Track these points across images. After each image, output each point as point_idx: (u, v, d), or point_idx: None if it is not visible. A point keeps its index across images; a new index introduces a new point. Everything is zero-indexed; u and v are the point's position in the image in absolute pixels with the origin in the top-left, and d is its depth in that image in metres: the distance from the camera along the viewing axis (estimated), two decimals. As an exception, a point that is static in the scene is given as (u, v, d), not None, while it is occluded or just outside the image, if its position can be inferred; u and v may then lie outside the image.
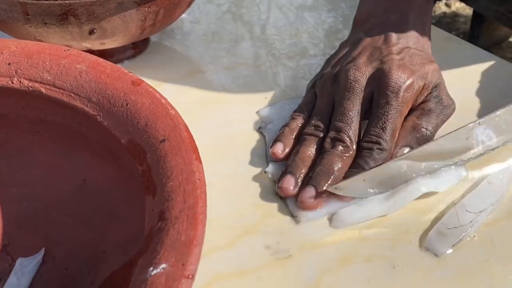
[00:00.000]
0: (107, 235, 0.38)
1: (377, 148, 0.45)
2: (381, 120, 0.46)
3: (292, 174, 0.44)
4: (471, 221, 0.41)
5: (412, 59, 0.48)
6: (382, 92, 0.46)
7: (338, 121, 0.46)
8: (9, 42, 0.39)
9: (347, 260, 0.40)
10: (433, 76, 0.48)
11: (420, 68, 0.48)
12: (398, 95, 0.46)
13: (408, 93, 0.46)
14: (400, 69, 0.47)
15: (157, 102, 0.34)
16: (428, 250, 0.40)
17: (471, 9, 1.42)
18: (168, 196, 0.29)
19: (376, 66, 0.48)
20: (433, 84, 0.48)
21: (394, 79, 0.46)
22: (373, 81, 0.47)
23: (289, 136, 0.48)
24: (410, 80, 0.47)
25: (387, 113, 0.46)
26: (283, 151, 0.47)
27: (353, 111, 0.46)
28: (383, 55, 0.49)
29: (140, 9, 0.49)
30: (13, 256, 0.38)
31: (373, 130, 0.45)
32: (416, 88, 0.47)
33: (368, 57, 0.49)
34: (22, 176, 0.40)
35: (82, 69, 0.36)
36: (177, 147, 0.31)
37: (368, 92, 0.47)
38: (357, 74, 0.48)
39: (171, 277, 0.26)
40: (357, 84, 0.47)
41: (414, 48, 0.50)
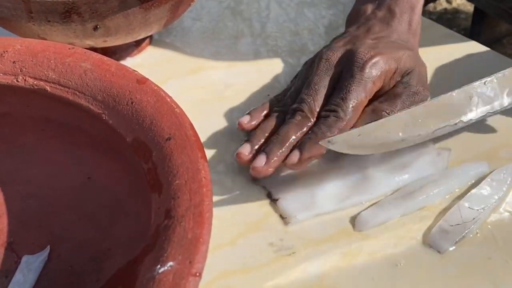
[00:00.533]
0: (112, 233, 0.38)
1: (334, 115, 0.45)
2: (342, 91, 0.46)
3: (249, 142, 0.45)
4: (474, 218, 0.41)
5: (387, 44, 0.49)
6: (348, 67, 0.47)
7: (303, 93, 0.47)
8: (14, 40, 0.39)
9: (350, 257, 0.40)
10: (407, 61, 0.48)
11: (393, 51, 0.48)
12: (362, 70, 0.46)
13: (374, 69, 0.46)
14: (369, 48, 0.47)
15: (162, 100, 0.34)
16: (431, 247, 0.40)
17: (472, 5, 1.42)
18: (174, 194, 0.29)
19: (348, 48, 0.49)
20: (405, 69, 0.48)
21: (361, 55, 0.47)
22: (342, 61, 0.48)
23: (260, 111, 0.49)
24: (377, 58, 0.47)
25: (349, 85, 0.46)
26: (248, 122, 0.48)
27: (318, 85, 0.47)
28: (357, 40, 0.50)
29: (143, 7, 0.49)
30: (18, 253, 0.39)
31: (333, 100, 0.46)
32: (384, 68, 0.47)
33: (345, 42, 0.50)
34: (26, 174, 0.40)
35: (87, 67, 0.36)
36: (182, 145, 0.31)
37: (338, 70, 0.48)
38: (329, 53, 0.49)
39: (178, 275, 0.26)
40: (327, 62, 0.48)
41: (394, 39, 0.50)
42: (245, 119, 0.48)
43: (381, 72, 0.47)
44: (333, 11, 0.66)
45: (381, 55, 0.47)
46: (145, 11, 0.49)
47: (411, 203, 0.43)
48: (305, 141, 0.44)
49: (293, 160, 0.43)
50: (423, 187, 0.44)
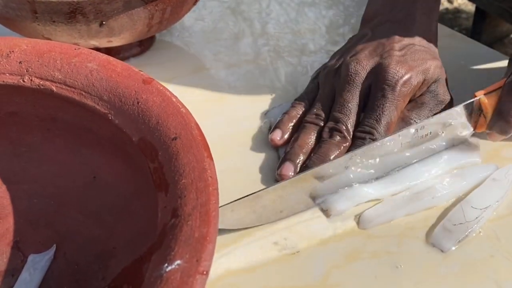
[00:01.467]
0: (117, 231, 0.38)
1: (370, 138, 0.45)
2: (376, 112, 0.46)
3: (291, 161, 0.45)
4: (477, 217, 0.42)
5: (414, 55, 0.49)
6: (379, 85, 0.47)
7: (337, 111, 0.48)
8: (20, 40, 0.39)
9: (354, 256, 0.40)
10: (434, 72, 0.49)
11: (421, 63, 0.48)
12: (394, 89, 0.47)
13: (405, 87, 0.47)
14: (399, 64, 0.48)
15: (168, 100, 0.34)
16: (434, 246, 0.41)
17: (473, 5, 1.42)
18: (181, 193, 0.30)
19: (376, 60, 0.49)
20: (433, 80, 0.49)
21: (392, 73, 0.47)
22: (372, 75, 0.48)
23: (288, 123, 0.49)
24: (408, 75, 0.47)
25: (382, 105, 0.46)
26: (281, 137, 0.48)
27: (352, 103, 0.48)
28: (384, 51, 0.49)
29: (147, 7, 0.49)
30: (24, 252, 0.39)
31: (367, 121, 0.46)
32: (414, 84, 0.47)
33: (370, 52, 0.50)
34: (33, 173, 0.41)
35: (93, 67, 0.37)
36: (188, 145, 0.32)
37: (367, 85, 0.48)
38: (358, 67, 0.49)
39: (186, 273, 0.26)
40: (357, 77, 0.48)
41: (418, 45, 0.50)
42: (276, 135, 0.48)
43: (411, 88, 0.47)
44: (333, 11, 0.67)
45: (410, 71, 0.47)
46: (149, 11, 0.50)
47: (416, 204, 0.43)
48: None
49: None
50: (430, 188, 0.44)
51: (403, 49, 0.50)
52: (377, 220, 0.42)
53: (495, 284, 0.38)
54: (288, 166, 0.45)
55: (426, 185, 0.44)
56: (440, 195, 0.44)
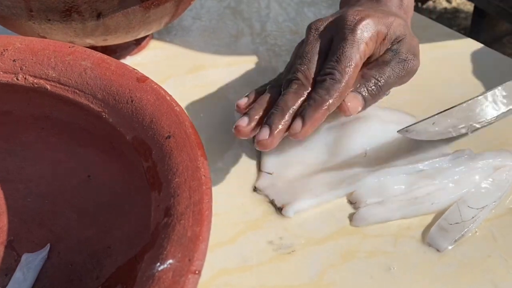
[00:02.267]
0: (111, 231, 0.38)
1: (330, 78, 0.43)
2: (336, 54, 0.45)
3: (247, 115, 0.44)
4: (473, 216, 0.42)
5: (376, 11, 0.47)
6: (339, 32, 0.46)
7: (296, 64, 0.46)
8: (14, 38, 0.39)
9: (349, 256, 0.40)
10: (397, 28, 0.47)
11: (383, 16, 0.47)
12: (354, 31, 0.45)
13: (366, 31, 0.45)
14: (359, 12, 0.46)
15: (162, 99, 0.34)
16: (430, 245, 0.41)
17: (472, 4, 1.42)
18: (174, 192, 0.29)
19: (336, 16, 0.48)
20: (395, 36, 0.47)
21: (350, 18, 0.46)
22: (332, 26, 0.47)
23: (256, 92, 0.48)
24: (367, 20, 0.45)
25: (342, 47, 0.45)
26: (246, 102, 0.47)
27: (311, 53, 0.46)
28: (346, 10, 0.48)
29: (143, 6, 0.49)
30: (18, 251, 0.39)
31: (328, 64, 0.45)
32: (375, 30, 0.46)
33: (332, 14, 0.49)
34: (27, 172, 0.41)
35: (87, 66, 0.36)
36: (182, 143, 0.32)
37: (328, 37, 0.47)
38: (317, 23, 0.48)
39: (178, 272, 0.26)
40: (317, 31, 0.47)
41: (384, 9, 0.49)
42: (242, 101, 0.47)
43: (372, 34, 0.45)
44: (333, 10, 0.66)
45: (370, 17, 0.46)
46: (145, 9, 0.50)
47: (414, 208, 0.43)
48: (305, 108, 0.43)
49: (296, 129, 0.42)
50: (431, 194, 0.43)
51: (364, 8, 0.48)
52: (371, 219, 0.42)
53: (491, 284, 0.38)
54: (243, 119, 0.44)
55: (427, 190, 0.44)
56: (439, 201, 0.43)
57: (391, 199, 0.43)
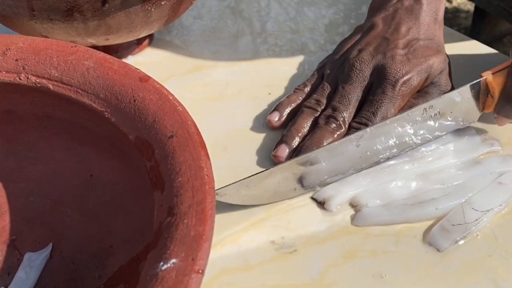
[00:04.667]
0: (114, 230, 0.38)
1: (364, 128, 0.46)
2: (373, 106, 0.47)
3: (287, 144, 0.47)
4: (477, 219, 0.41)
5: (417, 53, 0.50)
6: (380, 82, 0.48)
7: (336, 101, 0.49)
8: (17, 38, 0.39)
9: (351, 255, 0.40)
10: (438, 67, 0.50)
11: (424, 61, 0.49)
12: (394, 87, 0.48)
13: (405, 87, 0.48)
14: (401, 64, 0.49)
15: (165, 98, 0.34)
16: (430, 244, 0.41)
17: (472, 4, 1.42)
18: (177, 191, 0.29)
19: (379, 59, 0.50)
20: (436, 74, 0.50)
21: (393, 72, 0.48)
22: (374, 73, 0.50)
23: (286, 106, 0.50)
24: (408, 75, 0.48)
25: (380, 100, 0.47)
26: (279, 119, 0.50)
27: (352, 95, 0.49)
28: (388, 48, 0.50)
29: (145, 5, 0.49)
30: (21, 250, 0.39)
31: (364, 114, 0.47)
32: (415, 84, 0.48)
33: (375, 48, 0.51)
34: (29, 171, 0.41)
35: (89, 65, 0.37)
36: (185, 143, 0.32)
37: (369, 82, 0.49)
38: (362, 65, 0.50)
39: (181, 271, 0.26)
40: (361, 73, 0.50)
41: (423, 39, 0.51)
42: (274, 116, 0.50)
43: (412, 88, 0.49)
44: (333, 10, 0.66)
45: (412, 72, 0.48)
46: (147, 9, 0.50)
47: (418, 213, 0.42)
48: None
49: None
50: (435, 199, 0.43)
51: (406, 46, 0.50)
52: (373, 220, 0.42)
53: (492, 283, 0.38)
54: (283, 148, 0.46)
55: (431, 195, 0.43)
56: (442, 207, 0.42)
57: (394, 203, 0.43)
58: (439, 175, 0.45)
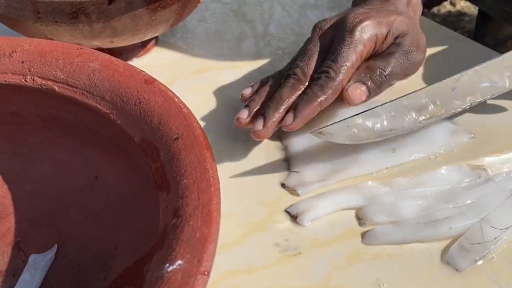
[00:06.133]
0: (119, 232, 0.38)
1: (325, 76, 0.46)
2: (333, 54, 0.47)
3: (247, 107, 0.48)
4: (496, 237, 0.40)
5: (379, 12, 0.49)
6: (339, 32, 0.48)
7: (297, 60, 0.49)
8: (22, 40, 0.39)
9: (355, 258, 0.40)
10: (400, 25, 0.49)
11: (385, 16, 0.49)
12: (352, 33, 0.47)
13: (364, 33, 0.47)
14: (360, 14, 0.49)
15: (170, 100, 0.34)
16: (449, 264, 0.39)
17: (476, 8, 1.42)
18: (183, 193, 0.30)
19: (340, 16, 0.50)
20: (398, 33, 0.49)
21: (350, 20, 0.48)
22: (334, 27, 0.50)
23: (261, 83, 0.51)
24: (367, 21, 0.48)
25: (340, 48, 0.47)
26: (250, 92, 0.50)
27: (311, 50, 0.49)
28: (350, 10, 0.51)
29: (149, 8, 0.49)
30: (26, 252, 0.39)
31: (324, 63, 0.47)
32: (375, 31, 0.48)
33: (338, 14, 0.52)
34: (34, 173, 0.41)
35: (95, 67, 0.37)
36: (190, 145, 0.32)
37: (330, 37, 0.49)
38: (322, 23, 0.51)
39: (187, 273, 0.26)
40: (320, 30, 0.50)
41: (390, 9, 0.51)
42: (247, 90, 0.51)
43: (371, 35, 0.48)
44: (336, 13, 0.66)
45: (371, 19, 0.48)
46: (152, 12, 0.50)
47: (432, 232, 0.41)
48: (298, 102, 0.46)
49: (288, 122, 0.45)
50: (449, 218, 0.41)
51: (369, 9, 0.50)
52: (385, 239, 0.41)
53: (497, 287, 0.38)
54: (243, 111, 0.47)
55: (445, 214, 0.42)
56: (458, 226, 0.41)
57: (407, 221, 0.42)
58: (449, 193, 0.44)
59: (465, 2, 1.76)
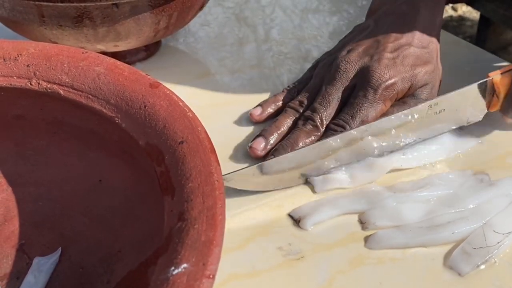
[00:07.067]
0: (123, 235, 0.38)
1: (341, 131, 0.46)
2: (353, 109, 0.47)
3: (264, 138, 0.47)
4: (498, 242, 0.40)
5: (405, 60, 0.49)
6: (363, 85, 0.48)
7: (317, 102, 0.49)
8: (28, 44, 0.39)
9: (358, 262, 0.40)
10: (422, 78, 0.49)
11: (410, 69, 0.49)
12: (376, 91, 0.47)
13: (387, 92, 0.48)
14: (386, 68, 0.48)
15: (175, 104, 0.35)
16: (451, 268, 0.39)
17: (477, 12, 1.43)
18: (187, 197, 0.30)
19: (366, 61, 0.49)
20: (419, 86, 0.49)
21: (377, 76, 0.48)
22: (358, 74, 0.49)
23: (271, 104, 0.51)
24: (392, 80, 0.48)
25: (361, 104, 0.47)
26: (260, 114, 0.50)
27: (332, 97, 0.49)
28: (376, 51, 0.50)
29: (153, 12, 0.49)
30: (30, 255, 0.39)
31: (342, 116, 0.47)
32: (398, 90, 0.48)
33: (364, 49, 0.50)
34: (39, 176, 0.41)
35: (100, 71, 0.37)
36: (195, 149, 0.32)
37: (352, 84, 0.49)
38: (347, 66, 0.50)
39: (192, 276, 0.26)
40: (344, 75, 0.49)
41: (415, 46, 0.50)
42: (256, 111, 0.50)
43: (393, 93, 0.48)
44: (337, 18, 0.67)
45: (396, 77, 0.48)
46: (156, 16, 0.50)
47: (434, 237, 0.41)
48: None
49: None
50: (451, 222, 0.42)
51: (395, 50, 0.50)
52: (386, 243, 0.41)
53: (499, 291, 0.38)
54: (260, 141, 0.47)
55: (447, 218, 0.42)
56: (460, 231, 0.41)
57: (409, 226, 0.42)
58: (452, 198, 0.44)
59: (466, 7, 1.76)
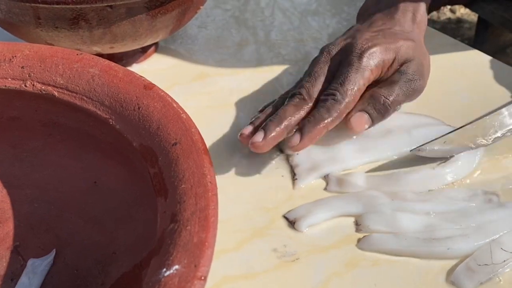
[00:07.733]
0: (117, 237, 0.38)
1: (332, 99, 0.46)
2: (340, 77, 0.47)
3: (252, 123, 0.48)
4: (505, 260, 0.39)
5: (386, 36, 0.50)
6: (346, 57, 0.49)
7: (303, 81, 0.49)
8: (22, 45, 0.39)
9: (354, 264, 0.40)
10: (406, 51, 0.49)
11: (392, 42, 0.49)
12: (360, 58, 0.48)
13: (372, 60, 0.48)
14: (368, 40, 0.49)
15: (169, 105, 0.35)
16: (453, 284, 0.38)
17: (475, 15, 1.43)
18: (180, 198, 0.30)
19: (348, 40, 0.51)
20: (403, 59, 0.49)
21: (359, 45, 0.49)
22: (342, 51, 0.50)
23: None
24: (375, 48, 0.48)
25: (347, 72, 0.47)
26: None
27: (318, 73, 0.49)
28: (358, 33, 0.51)
29: (149, 14, 0.49)
30: (24, 256, 0.39)
31: (332, 85, 0.48)
32: (382, 58, 0.48)
33: (346, 37, 0.52)
34: (34, 177, 0.41)
35: (94, 73, 0.37)
36: (188, 150, 0.32)
37: (337, 61, 0.50)
38: (330, 46, 0.51)
39: (184, 278, 0.26)
40: (328, 54, 0.50)
41: (396, 29, 0.52)
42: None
43: (378, 61, 0.48)
44: (337, 20, 0.67)
45: (379, 46, 0.49)
46: (152, 18, 0.50)
47: (428, 250, 0.40)
48: (304, 124, 0.46)
49: (294, 142, 0.45)
50: (450, 238, 0.40)
51: (377, 31, 0.51)
52: (379, 247, 0.41)
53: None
54: (248, 127, 0.47)
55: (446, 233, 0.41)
56: (457, 248, 0.40)
57: (405, 235, 0.41)
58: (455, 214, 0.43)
59: (464, 9, 1.76)
